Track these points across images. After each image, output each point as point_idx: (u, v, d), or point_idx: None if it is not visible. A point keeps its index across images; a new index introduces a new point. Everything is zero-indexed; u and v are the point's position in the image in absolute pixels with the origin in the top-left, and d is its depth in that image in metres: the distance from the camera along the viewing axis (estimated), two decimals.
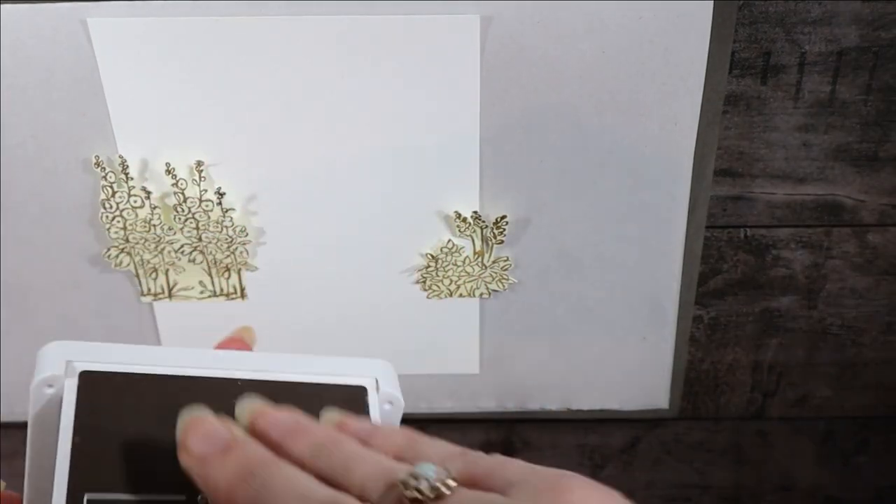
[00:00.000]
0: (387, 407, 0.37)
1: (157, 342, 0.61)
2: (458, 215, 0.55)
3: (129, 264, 0.57)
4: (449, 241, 0.56)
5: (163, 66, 0.50)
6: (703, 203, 0.55)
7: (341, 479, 0.29)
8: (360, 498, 0.29)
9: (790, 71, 0.52)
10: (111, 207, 0.55)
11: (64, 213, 0.56)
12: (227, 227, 0.55)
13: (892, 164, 0.55)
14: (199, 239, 0.56)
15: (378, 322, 0.60)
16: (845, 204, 0.56)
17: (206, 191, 0.54)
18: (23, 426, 0.33)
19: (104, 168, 0.54)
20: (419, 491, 0.28)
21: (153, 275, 0.57)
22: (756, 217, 0.57)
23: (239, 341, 0.42)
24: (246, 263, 0.57)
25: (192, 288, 0.58)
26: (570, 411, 0.64)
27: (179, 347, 0.34)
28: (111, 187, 0.54)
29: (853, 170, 0.55)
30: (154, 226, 0.55)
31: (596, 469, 0.68)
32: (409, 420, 0.69)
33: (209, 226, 0.55)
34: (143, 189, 0.54)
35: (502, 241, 0.56)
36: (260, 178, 0.54)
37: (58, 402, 0.32)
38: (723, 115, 0.53)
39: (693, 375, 0.63)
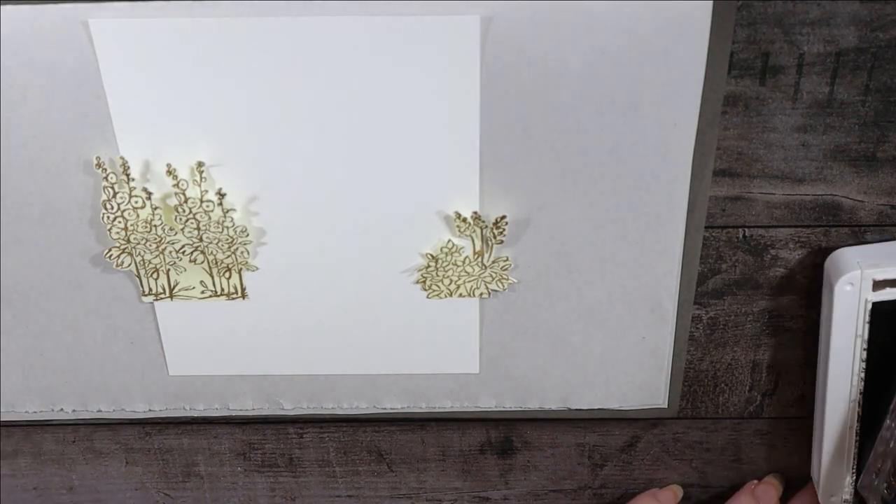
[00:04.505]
0: None
1: (159, 342, 0.61)
2: (458, 215, 0.55)
3: (130, 264, 0.57)
4: (449, 241, 0.56)
5: (164, 67, 0.51)
6: (702, 203, 0.55)
7: None
8: None
9: (789, 72, 0.52)
10: (112, 208, 0.55)
11: (65, 214, 0.56)
12: (227, 227, 0.55)
13: (890, 164, 0.55)
14: (200, 239, 0.56)
15: (378, 322, 0.60)
16: (844, 204, 0.56)
17: (207, 191, 0.54)
18: (23, 426, 0.33)
19: (105, 169, 0.54)
20: None
21: (154, 275, 0.57)
22: (755, 217, 0.57)
23: None
24: (247, 263, 0.57)
25: (193, 288, 0.58)
26: (569, 410, 0.64)
27: None
28: (112, 188, 0.54)
29: (851, 170, 0.55)
30: (155, 226, 0.55)
31: (595, 468, 0.68)
32: (409, 419, 0.70)
33: (210, 226, 0.55)
34: (145, 190, 0.54)
35: (502, 241, 0.56)
36: (261, 179, 0.54)
37: None
38: (722, 115, 0.53)
39: (692, 375, 0.64)
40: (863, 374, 0.57)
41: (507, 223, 0.55)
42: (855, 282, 0.54)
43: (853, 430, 0.59)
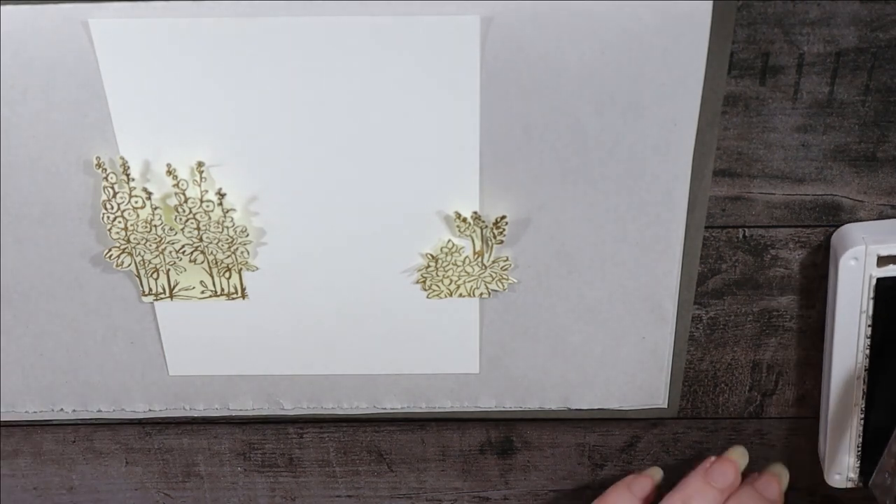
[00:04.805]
0: None
1: (159, 342, 0.61)
2: (458, 215, 0.55)
3: (130, 264, 0.57)
4: (449, 241, 0.56)
5: (164, 67, 0.51)
6: (702, 203, 0.55)
7: None
8: None
9: (789, 72, 0.52)
10: (112, 208, 0.55)
11: (65, 214, 0.56)
12: (227, 227, 0.55)
13: (889, 164, 0.55)
14: (200, 239, 0.56)
15: (378, 322, 0.60)
16: (844, 204, 0.56)
17: (206, 191, 0.54)
18: (23, 426, 0.33)
19: (105, 169, 0.54)
20: None
21: (154, 275, 0.57)
22: (755, 217, 0.57)
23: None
24: (246, 263, 0.57)
25: (193, 288, 0.58)
26: (569, 410, 0.64)
27: None
28: (112, 188, 0.54)
29: (851, 170, 0.55)
30: (155, 226, 0.55)
31: (595, 468, 0.68)
32: (409, 419, 0.69)
33: (210, 226, 0.55)
34: (145, 190, 0.54)
35: (502, 241, 0.56)
36: (261, 179, 0.54)
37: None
38: (722, 115, 0.53)
39: (692, 375, 0.64)
40: (867, 351, 0.57)
41: (507, 223, 0.55)
42: (859, 257, 0.55)
43: (858, 408, 0.59)
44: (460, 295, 0.58)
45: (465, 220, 0.55)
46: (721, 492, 0.59)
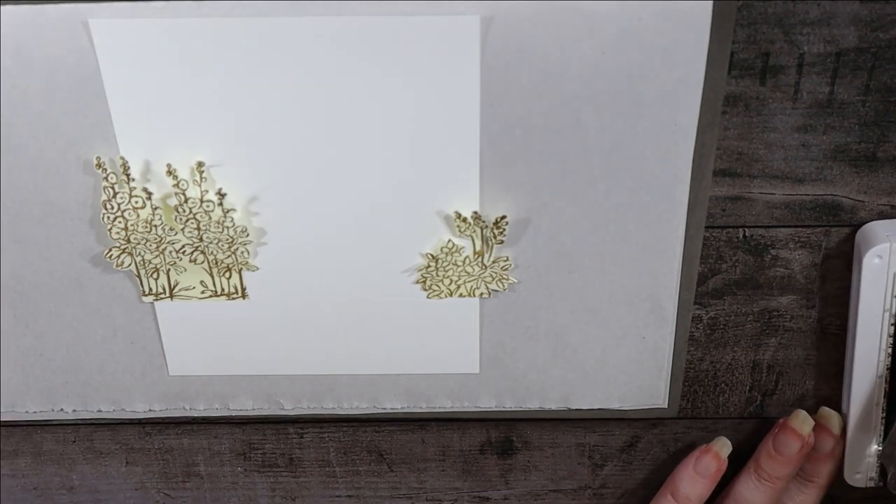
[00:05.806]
0: None
1: (159, 342, 0.61)
2: (458, 215, 0.55)
3: (130, 264, 0.57)
4: (449, 241, 0.56)
5: (164, 67, 0.51)
6: (703, 203, 0.55)
7: None
8: None
9: (789, 72, 0.52)
10: (112, 208, 0.55)
11: (65, 214, 0.56)
12: (227, 227, 0.55)
13: (890, 164, 0.55)
14: (201, 239, 0.56)
15: (378, 322, 0.60)
16: (844, 204, 0.56)
17: (207, 191, 0.54)
18: (23, 426, 0.33)
19: (105, 169, 0.54)
20: None
21: (154, 275, 0.58)
22: (755, 217, 0.57)
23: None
24: (247, 263, 0.57)
25: (194, 288, 0.58)
26: (569, 410, 0.64)
27: None
28: (112, 188, 0.54)
29: (851, 170, 0.55)
30: (155, 226, 0.55)
31: (595, 468, 0.68)
32: (409, 419, 0.69)
33: (210, 226, 0.55)
34: (145, 190, 0.54)
35: (502, 241, 0.56)
36: (261, 179, 0.54)
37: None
38: (722, 115, 0.53)
39: (692, 375, 0.64)
40: (890, 350, 0.57)
41: (507, 223, 0.55)
42: (883, 255, 0.55)
43: (879, 407, 0.59)
44: (460, 295, 0.58)
45: (465, 220, 0.55)
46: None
